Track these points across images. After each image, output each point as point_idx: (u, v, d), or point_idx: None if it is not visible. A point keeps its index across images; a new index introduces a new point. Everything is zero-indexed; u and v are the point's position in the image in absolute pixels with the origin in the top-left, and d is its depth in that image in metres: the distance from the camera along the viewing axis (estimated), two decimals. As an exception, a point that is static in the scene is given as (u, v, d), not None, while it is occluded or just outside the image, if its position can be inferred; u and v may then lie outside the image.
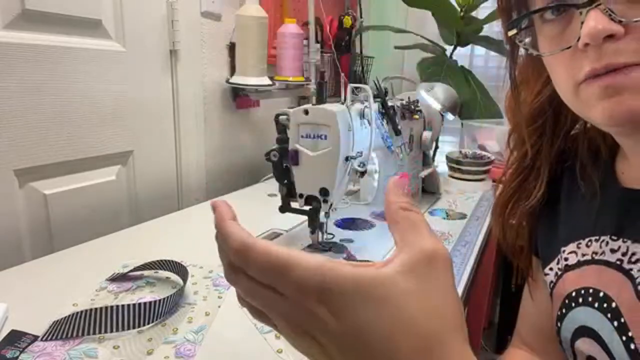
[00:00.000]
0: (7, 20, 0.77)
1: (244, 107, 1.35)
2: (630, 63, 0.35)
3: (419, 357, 0.23)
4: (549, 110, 0.51)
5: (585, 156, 0.51)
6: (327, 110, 0.70)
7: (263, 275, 0.25)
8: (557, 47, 0.40)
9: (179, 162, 1.15)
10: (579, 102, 0.41)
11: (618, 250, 0.44)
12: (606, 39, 0.35)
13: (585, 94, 0.39)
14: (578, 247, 0.49)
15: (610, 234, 0.46)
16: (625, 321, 0.41)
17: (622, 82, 0.36)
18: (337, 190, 0.74)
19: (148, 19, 1.02)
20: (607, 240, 0.46)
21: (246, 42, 1.13)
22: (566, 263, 0.50)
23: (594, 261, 0.47)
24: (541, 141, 0.53)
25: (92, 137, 0.93)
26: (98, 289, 0.63)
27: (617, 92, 0.36)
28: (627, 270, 0.43)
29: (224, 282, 0.66)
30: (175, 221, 0.94)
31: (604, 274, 0.45)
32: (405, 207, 0.28)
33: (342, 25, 1.58)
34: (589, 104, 0.39)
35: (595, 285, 0.46)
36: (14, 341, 0.50)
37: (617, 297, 0.43)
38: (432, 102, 1.13)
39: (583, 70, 0.38)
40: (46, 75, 0.83)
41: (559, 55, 0.40)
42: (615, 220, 0.46)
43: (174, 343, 0.51)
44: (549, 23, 0.41)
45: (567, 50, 0.39)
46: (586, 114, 0.41)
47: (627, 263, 0.43)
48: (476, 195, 1.20)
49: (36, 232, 0.86)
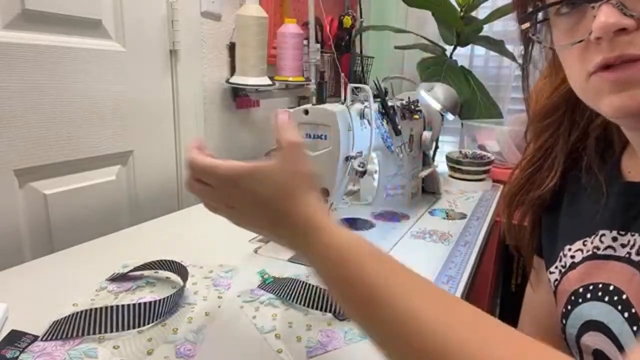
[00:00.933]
0: (7, 20, 0.77)
1: (244, 107, 1.35)
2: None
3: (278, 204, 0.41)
4: (567, 104, 0.52)
5: (593, 154, 0.52)
6: (327, 110, 0.70)
7: (204, 177, 0.44)
8: (570, 40, 0.40)
9: (179, 162, 1.15)
10: (589, 93, 0.41)
11: (628, 244, 0.45)
12: (618, 32, 0.36)
13: (595, 85, 0.39)
14: (584, 245, 0.50)
15: (618, 229, 0.46)
16: (636, 311, 0.42)
17: (634, 75, 0.36)
18: (337, 190, 0.74)
19: (148, 19, 1.02)
20: (615, 236, 0.46)
21: (246, 42, 1.13)
22: (572, 261, 0.50)
23: (601, 256, 0.47)
24: (558, 133, 0.54)
25: (92, 137, 0.93)
26: (98, 289, 0.63)
27: (628, 85, 0.37)
28: (637, 262, 0.43)
29: (224, 282, 0.66)
30: (175, 221, 0.94)
31: (613, 267, 0.46)
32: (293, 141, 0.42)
33: (342, 25, 1.58)
34: (599, 94, 0.39)
35: (605, 280, 0.46)
36: (14, 341, 0.50)
37: (627, 289, 0.43)
38: (432, 102, 1.13)
39: (594, 61, 0.38)
40: (46, 75, 0.83)
41: (573, 48, 0.41)
42: (622, 215, 0.46)
43: (174, 343, 0.51)
44: (563, 16, 0.41)
45: (580, 43, 0.39)
46: (596, 104, 0.41)
47: (635, 255, 0.44)
48: (476, 195, 1.20)
49: (36, 232, 0.86)
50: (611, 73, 0.37)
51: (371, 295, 0.34)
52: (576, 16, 0.40)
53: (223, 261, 0.73)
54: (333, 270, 0.37)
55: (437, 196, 1.16)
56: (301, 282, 0.62)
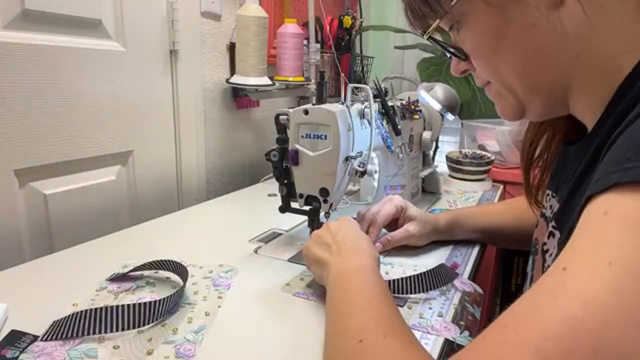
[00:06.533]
0: (7, 20, 0.77)
1: (244, 107, 1.35)
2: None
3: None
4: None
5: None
6: (327, 110, 0.70)
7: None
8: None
9: (179, 162, 1.15)
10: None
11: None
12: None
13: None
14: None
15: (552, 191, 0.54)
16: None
17: None
18: (337, 190, 0.74)
19: (148, 19, 1.02)
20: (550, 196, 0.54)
21: (246, 42, 1.13)
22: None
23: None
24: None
25: (92, 137, 0.93)
26: (98, 289, 0.63)
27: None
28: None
29: (224, 282, 0.66)
30: (175, 221, 0.94)
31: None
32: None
33: (342, 25, 1.58)
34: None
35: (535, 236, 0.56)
36: (14, 341, 0.50)
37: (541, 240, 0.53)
38: (432, 102, 1.13)
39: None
40: (46, 75, 0.83)
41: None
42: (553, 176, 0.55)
43: (174, 343, 0.51)
44: None
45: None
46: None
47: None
48: (476, 195, 1.20)
49: (36, 232, 0.86)
50: None
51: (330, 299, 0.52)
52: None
53: (223, 261, 0.73)
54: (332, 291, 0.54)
55: (437, 196, 1.16)
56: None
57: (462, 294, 0.65)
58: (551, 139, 0.57)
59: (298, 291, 0.64)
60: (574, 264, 0.29)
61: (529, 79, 0.46)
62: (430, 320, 0.57)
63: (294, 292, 0.64)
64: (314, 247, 0.63)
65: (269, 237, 0.85)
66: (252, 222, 0.91)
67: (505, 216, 0.82)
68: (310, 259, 0.63)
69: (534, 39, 0.43)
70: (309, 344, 0.52)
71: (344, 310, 0.47)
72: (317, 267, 0.61)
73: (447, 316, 0.59)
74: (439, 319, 0.58)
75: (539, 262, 0.52)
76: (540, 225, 0.56)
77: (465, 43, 0.49)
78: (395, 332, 0.41)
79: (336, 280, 0.53)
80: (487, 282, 1.47)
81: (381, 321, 0.43)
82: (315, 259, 0.61)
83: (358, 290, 0.49)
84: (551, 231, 0.49)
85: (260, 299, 0.63)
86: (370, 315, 0.44)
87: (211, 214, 1.01)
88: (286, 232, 0.88)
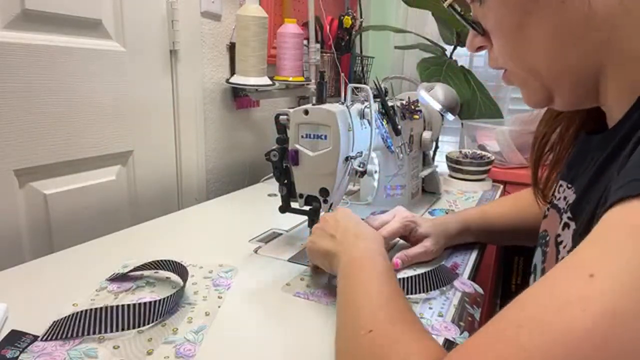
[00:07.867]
0: (7, 20, 0.77)
1: (244, 107, 1.35)
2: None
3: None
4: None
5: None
6: (327, 110, 0.70)
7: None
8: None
9: (179, 162, 1.15)
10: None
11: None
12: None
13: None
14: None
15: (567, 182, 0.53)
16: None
17: None
18: (337, 190, 0.74)
19: (148, 19, 1.02)
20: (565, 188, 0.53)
21: (246, 42, 1.13)
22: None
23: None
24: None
25: (92, 137, 0.93)
26: (98, 289, 0.63)
27: None
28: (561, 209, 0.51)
29: (224, 282, 0.66)
30: (175, 221, 0.94)
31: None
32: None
33: (342, 25, 1.58)
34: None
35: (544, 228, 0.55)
36: (14, 341, 0.50)
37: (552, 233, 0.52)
38: (432, 102, 1.13)
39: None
40: (46, 75, 0.83)
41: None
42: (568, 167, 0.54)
43: (174, 343, 0.51)
44: None
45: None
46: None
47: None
48: (476, 195, 1.20)
49: (36, 232, 0.86)
50: None
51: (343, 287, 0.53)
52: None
53: (223, 261, 0.73)
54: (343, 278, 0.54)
55: (437, 196, 1.16)
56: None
57: (462, 294, 0.65)
58: (564, 132, 0.56)
59: (298, 291, 0.64)
60: (601, 270, 0.28)
61: (554, 61, 0.43)
62: (430, 320, 0.57)
63: (294, 292, 0.64)
64: (318, 240, 0.63)
65: (269, 237, 0.85)
66: (252, 222, 0.91)
67: (514, 214, 0.81)
68: (317, 252, 0.63)
69: (562, 16, 0.40)
70: (309, 344, 0.52)
71: (354, 301, 0.48)
72: (325, 258, 0.61)
73: (447, 316, 0.59)
74: (439, 319, 0.58)
75: (551, 254, 0.50)
76: (551, 217, 0.55)
77: (488, 18, 0.46)
78: (405, 321, 0.42)
79: (347, 267, 0.54)
80: (487, 282, 1.47)
81: (391, 310, 0.44)
82: (322, 251, 0.62)
83: (367, 279, 0.50)
84: (566, 222, 0.47)
85: (260, 299, 0.63)
86: (379, 305, 0.45)
87: (211, 214, 1.01)
88: (286, 232, 0.88)
